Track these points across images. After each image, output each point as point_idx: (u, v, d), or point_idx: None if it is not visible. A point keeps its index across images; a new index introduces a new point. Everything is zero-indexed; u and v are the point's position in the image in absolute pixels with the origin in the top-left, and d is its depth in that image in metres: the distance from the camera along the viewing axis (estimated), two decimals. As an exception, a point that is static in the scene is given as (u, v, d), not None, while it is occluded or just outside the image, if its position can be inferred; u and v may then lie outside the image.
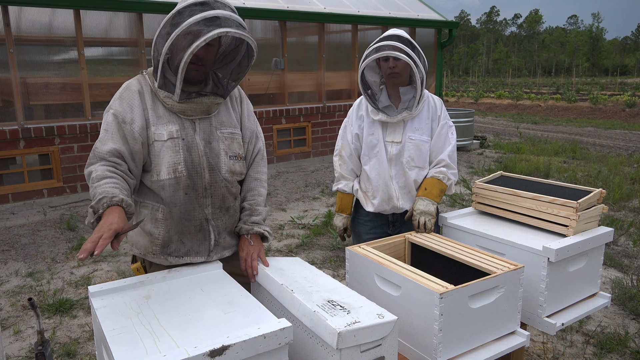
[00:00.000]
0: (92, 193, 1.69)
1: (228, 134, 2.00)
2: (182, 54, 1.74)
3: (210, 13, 1.73)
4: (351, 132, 2.67)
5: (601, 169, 8.92)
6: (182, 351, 1.28)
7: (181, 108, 1.88)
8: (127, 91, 1.89)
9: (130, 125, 1.84)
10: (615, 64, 74.81)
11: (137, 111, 1.86)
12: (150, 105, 1.89)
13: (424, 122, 2.57)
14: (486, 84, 43.04)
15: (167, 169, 1.87)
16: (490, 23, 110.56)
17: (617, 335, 3.34)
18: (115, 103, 1.88)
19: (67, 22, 6.42)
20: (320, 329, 1.49)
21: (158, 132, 1.87)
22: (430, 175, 2.56)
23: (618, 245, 5.15)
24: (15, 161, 6.24)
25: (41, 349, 1.80)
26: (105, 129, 1.85)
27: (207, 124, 1.96)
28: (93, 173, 1.75)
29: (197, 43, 1.70)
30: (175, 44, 1.76)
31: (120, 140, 1.82)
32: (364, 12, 9.13)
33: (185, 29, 1.72)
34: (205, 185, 1.93)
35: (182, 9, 1.77)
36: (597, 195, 2.46)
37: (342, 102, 9.28)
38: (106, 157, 1.80)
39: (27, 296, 4.03)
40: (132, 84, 1.92)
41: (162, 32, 1.80)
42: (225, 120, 2.01)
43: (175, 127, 1.89)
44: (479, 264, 2.05)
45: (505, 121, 18.75)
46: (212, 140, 1.95)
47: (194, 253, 1.98)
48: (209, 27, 1.72)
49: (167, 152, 1.87)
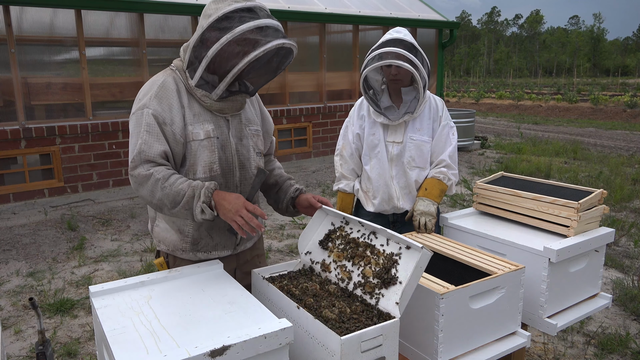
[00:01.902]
0: (170, 192, 1.74)
1: (254, 130, 2.05)
2: (235, 61, 1.75)
3: (263, 22, 1.74)
4: (352, 131, 2.67)
5: (602, 169, 8.91)
6: (182, 351, 1.28)
7: (219, 106, 1.90)
8: (163, 90, 1.85)
9: (170, 126, 1.83)
10: (617, 64, 74.76)
11: (175, 111, 1.85)
12: (187, 103, 1.88)
13: (425, 122, 2.57)
14: (487, 84, 43.04)
15: (203, 168, 1.89)
16: (492, 23, 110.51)
17: (618, 336, 3.34)
18: (153, 102, 1.83)
19: (68, 22, 6.43)
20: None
21: (195, 132, 1.87)
22: (431, 176, 2.56)
23: (619, 246, 5.15)
24: (16, 161, 6.25)
25: (42, 348, 1.81)
26: (147, 130, 1.80)
27: (238, 120, 2.00)
28: (155, 174, 1.76)
29: (255, 53, 1.71)
30: (225, 50, 1.76)
31: (165, 141, 1.82)
32: (365, 13, 9.13)
33: (238, 37, 1.72)
34: (236, 183, 1.98)
35: (229, 13, 1.75)
36: (598, 196, 2.46)
37: (343, 102, 9.28)
38: (156, 159, 1.80)
39: (28, 296, 4.04)
40: (169, 82, 1.87)
41: (209, 34, 1.77)
42: (250, 117, 2.06)
43: (211, 126, 1.90)
44: (479, 264, 2.05)
45: (506, 121, 18.74)
46: (243, 137, 2.00)
47: (222, 247, 2.02)
48: (265, 37, 1.73)
49: (203, 152, 1.88)
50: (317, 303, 1.69)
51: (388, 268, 1.74)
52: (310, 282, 1.86)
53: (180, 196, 1.73)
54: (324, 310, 1.64)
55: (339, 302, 1.69)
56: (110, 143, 6.81)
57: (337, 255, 1.96)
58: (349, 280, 1.83)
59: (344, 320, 1.59)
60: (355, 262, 1.88)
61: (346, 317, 1.60)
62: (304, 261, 2.06)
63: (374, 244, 1.88)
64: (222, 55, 1.78)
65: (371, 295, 1.72)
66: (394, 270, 1.72)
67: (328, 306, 1.67)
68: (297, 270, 2.03)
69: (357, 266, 1.86)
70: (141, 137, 1.80)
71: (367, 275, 1.78)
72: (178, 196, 1.74)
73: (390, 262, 1.76)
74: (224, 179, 1.94)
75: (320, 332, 1.50)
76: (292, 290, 1.80)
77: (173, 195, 1.74)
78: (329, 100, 9.15)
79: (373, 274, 1.77)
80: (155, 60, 7.32)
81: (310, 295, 1.76)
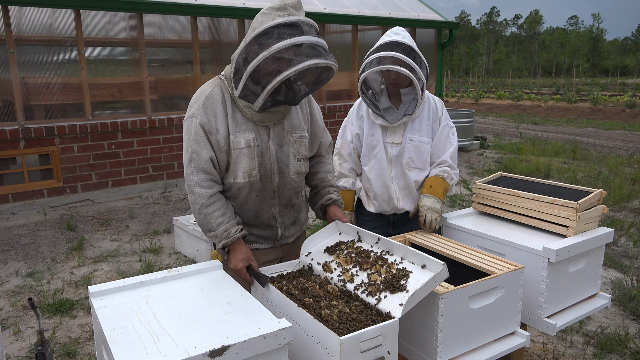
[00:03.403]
0: (204, 222, 1.98)
1: (297, 137, 2.12)
2: (269, 78, 1.81)
3: (299, 40, 1.78)
4: (351, 131, 2.67)
5: (601, 169, 8.92)
6: (182, 351, 1.28)
7: (260, 117, 1.99)
8: (210, 100, 1.98)
9: (215, 135, 1.96)
10: (616, 64, 74.83)
11: (220, 121, 1.97)
12: (230, 113, 1.99)
13: (424, 123, 2.56)
14: (486, 84, 43.04)
15: (243, 174, 2.01)
16: (491, 23, 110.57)
17: (617, 335, 3.34)
18: (200, 112, 1.96)
19: (67, 22, 6.42)
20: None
21: (236, 140, 1.98)
22: (435, 174, 2.55)
23: (618, 246, 5.15)
24: (15, 161, 6.25)
25: (41, 349, 1.80)
26: (195, 139, 1.96)
27: (280, 128, 2.07)
28: (198, 199, 1.97)
29: (286, 73, 1.77)
30: (262, 66, 1.82)
31: (211, 149, 1.97)
32: (364, 13, 9.13)
33: (274, 54, 1.77)
34: (274, 188, 2.10)
35: (270, 28, 1.80)
36: (598, 196, 2.46)
37: (342, 102, 9.28)
38: (206, 168, 1.97)
39: (27, 296, 4.03)
40: (215, 92, 1.99)
41: (250, 48, 1.84)
42: (295, 123, 2.12)
43: (252, 135, 2.00)
44: (479, 264, 2.05)
45: (505, 122, 18.75)
46: (284, 145, 2.08)
47: (262, 240, 2.19)
48: (298, 56, 1.78)
49: (243, 159, 2.00)
50: (316, 303, 1.69)
51: (399, 278, 1.75)
52: (309, 282, 1.86)
53: (210, 231, 1.99)
54: (323, 310, 1.64)
55: (338, 302, 1.69)
56: (110, 143, 6.81)
57: (343, 260, 1.96)
58: (351, 282, 1.83)
59: (343, 320, 1.59)
60: (363, 267, 1.88)
61: (345, 317, 1.60)
62: (303, 262, 2.06)
63: (387, 258, 1.89)
64: (259, 71, 1.85)
65: (373, 295, 1.72)
66: (403, 281, 1.73)
67: (327, 306, 1.67)
68: (296, 270, 2.04)
69: (363, 271, 1.87)
70: (191, 145, 1.97)
71: (374, 280, 1.78)
72: (208, 229, 2.00)
73: (402, 273, 1.77)
74: (262, 184, 2.06)
75: (320, 332, 1.50)
76: (291, 290, 1.80)
77: (206, 225, 1.99)
78: (328, 100, 9.15)
79: (381, 280, 1.77)
80: (154, 60, 7.32)
81: (309, 295, 1.76)
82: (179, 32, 7.46)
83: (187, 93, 7.63)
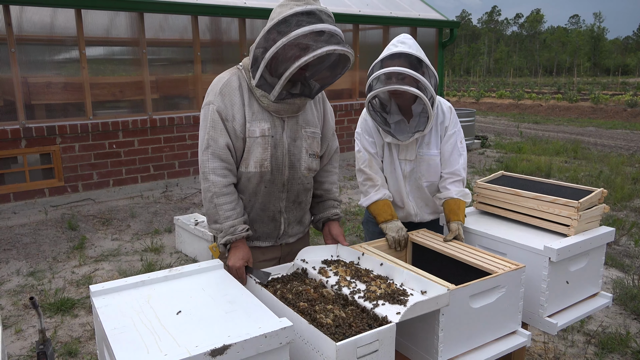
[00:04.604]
0: (212, 212, 1.97)
1: (311, 133, 2.12)
2: (287, 64, 1.81)
3: (318, 27, 1.79)
4: (365, 149, 2.52)
5: (602, 168, 8.91)
6: (183, 350, 1.29)
7: (276, 108, 1.98)
8: (227, 87, 1.98)
9: (232, 122, 1.97)
10: (617, 63, 74.68)
11: (237, 109, 1.97)
12: (247, 101, 1.99)
13: (433, 135, 2.48)
14: (487, 83, 43.02)
15: (255, 163, 2.01)
16: (492, 23, 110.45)
17: (619, 335, 3.34)
18: (218, 99, 1.97)
19: (68, 21, 6.43)
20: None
21: (252, 129, 1.98)
22: (454, 197, 2.45)
23: (619, 245, 5.15)
24: (16, 160, 6.25)
25: (42, 348, 1.80)
26: (212, 125, 1.97)
27: (294, 121, 2.07)
28: (211, 187, 1.96)
29: (305, 58, 1.77)
30: (280, 53, 1.82)
31: (227, 136, 1.98)
32: (365, 12, 9.12)
33: (292, 41, 1.77)
34: (284, 181, 2.09)
35: (288, 17, 1.81)
36: (599, 195, 2.45)
37: (343, 101, 9.27)
38: (222, 155, 1.97)
39: (28, 295, 4.04)
40: (233, 80, 2.00)
41: (268, 36, 1.85)
42: (309, 119, 2.12)
43: (267, 125, 2.00)
44: (480, 263, 2.05)
45: (506, 121, 18.73)
46: (297, 139, 2.07)
47: (264, 238, 2.17)
48: (317, 42, 1.78)
49: (257, 148, 2.00)
50: (311, 307, 1.67)
51: (399, 294, 1.74)
52: (303, 286, 1.84)
53: (215, 222, 1.99)
54: (318, 314, 1.61)
55: (334, 306, 1.67)
56: (111, 142, 6.82)
57: (342, 270, 1.95)
58: (347, 287, 1.82)
59: (339, 324, 1.56)
60: (363, 280, 1.87)
61: (341, 322, 1.58)
62: (297, 265, 2.04)
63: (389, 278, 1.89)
64: (277, 58, 1.85)
65: (370, 300, 1.70)
66: (403, 297, 1.73)
67: (322, 310, 1.65)
68: (290, 274, 2.01)
69: (362, 283, 1.86)
70: (208, 132, 1.98)
71: (373, 290, 1.77)
72: (214, 220, 1.99)
73: (402, 292, 1.76)
74: (272, 176, 2.05)
75: (315, 338, 1.49)
76: (285, 295, 1.78)
77: (214, 215, 1.98)
78: (329, 99, 9.12)
79: (381, 292, 1.75)
80: (155, 59, 7.32)
81: (303, 299, 1.73)
82: (180, 32, 7.47)
83: (188, 92, 7.63)
